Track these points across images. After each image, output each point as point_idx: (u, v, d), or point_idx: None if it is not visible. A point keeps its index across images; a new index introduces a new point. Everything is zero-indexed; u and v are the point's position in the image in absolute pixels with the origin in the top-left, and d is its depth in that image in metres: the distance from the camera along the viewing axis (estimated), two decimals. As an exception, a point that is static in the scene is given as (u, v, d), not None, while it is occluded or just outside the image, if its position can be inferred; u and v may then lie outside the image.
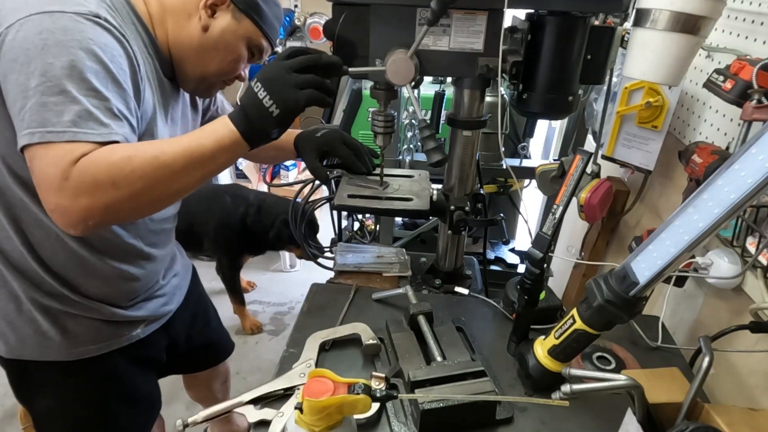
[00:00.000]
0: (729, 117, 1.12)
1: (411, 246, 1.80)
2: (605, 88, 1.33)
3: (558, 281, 1.93)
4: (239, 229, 2.29)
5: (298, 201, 1.46)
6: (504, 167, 1.61)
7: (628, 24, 1.23)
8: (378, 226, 1.94)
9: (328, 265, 1.38)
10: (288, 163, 3.32)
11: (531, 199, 2.36)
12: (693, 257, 1.03)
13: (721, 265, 1.01)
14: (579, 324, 0.79)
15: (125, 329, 1.03)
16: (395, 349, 0.96)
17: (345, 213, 1.98)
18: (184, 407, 2.02)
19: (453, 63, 0.95)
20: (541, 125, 2.58)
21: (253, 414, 0.86)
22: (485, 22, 0.91)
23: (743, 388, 1.00)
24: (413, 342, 0.98)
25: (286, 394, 0.89)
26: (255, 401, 0.87)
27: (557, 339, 0.83)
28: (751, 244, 0.98)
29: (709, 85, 1.02)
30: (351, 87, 2.31)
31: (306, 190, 1.50)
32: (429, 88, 1.94)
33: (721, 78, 0.98)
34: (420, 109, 1.01)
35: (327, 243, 1.69)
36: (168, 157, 0.72)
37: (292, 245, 2.40)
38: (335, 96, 0.87)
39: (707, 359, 0.73)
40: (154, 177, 0.71)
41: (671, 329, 1.14)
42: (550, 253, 1.24)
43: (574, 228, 1.94)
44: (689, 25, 0.88)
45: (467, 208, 1.13)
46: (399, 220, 2.18)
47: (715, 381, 1.06)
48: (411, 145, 1.84)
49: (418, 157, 1.84)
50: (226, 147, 0.77)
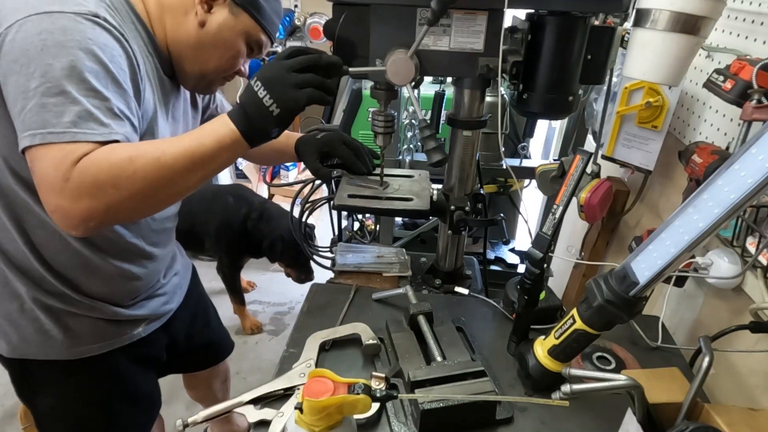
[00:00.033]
0: (729, 117, 1.12)
1: (411, 246, 1.80)
2: (605, 88, 1.33)
3: (558, 281, 1.93)
4: (240, 230, 2.29)
5: (298, 204, 1.47)
6: (504, 167, 1.61)
7: (628, 24, 1.23)
8: (378, 226, 1.93)
9: (327, 265, 1.38)
10: (288, 163, 3.32)
11: (531, 199, 2.36)
12: (693, 257, 1.03)
13: (721, 265, 1.01)
14: (579, 324, 0.79)
15: (127, 328, 1.03)
16: (395, 349, 0.96)
17: (345, 213, 1.98)
18: (184, 407, 2.02)
19: (453, 63, 0.95)
20: (541, 125, 2.58)
21: (253, 414, 0.86)
22: (485, 22, 0.91)
23: (743, 388, 1.00)
24: (413, 342, 0.98)
25: (286, 394, 0.89)
26: (255, 401, 0.87)
27: (557, 339, 0.83)
28: (751, 244, 0.98)
29: (709, 85, 1.02)
30: (351, 87, 2.31)
31: (306, 190, 1.50)
32: (429, 88, 1.94)
33: (721, 78, 0.98)
34: (420, 109, 1.00)
35: (327, 243, 1.69)
36: (169, 158, 0.72)
37: (282, 261, 2.41)
38: (335, 95, 0.87)
39: (707, 359, 0.73)
40: (155, 177, 0.71)
41: (671, 329, 1.14)
42: (550, 253, 1.24)
43: (574, 228, 1.94)
44: (689, 25, 0.88)
45: (467, 208, 1.13)
46: (399, 220, 2.18)
47: (715, 381, 1.06)
48: (411, 145, 1.84)
49: (418, 157, 1.84)
50: (226, 146, 0.77)
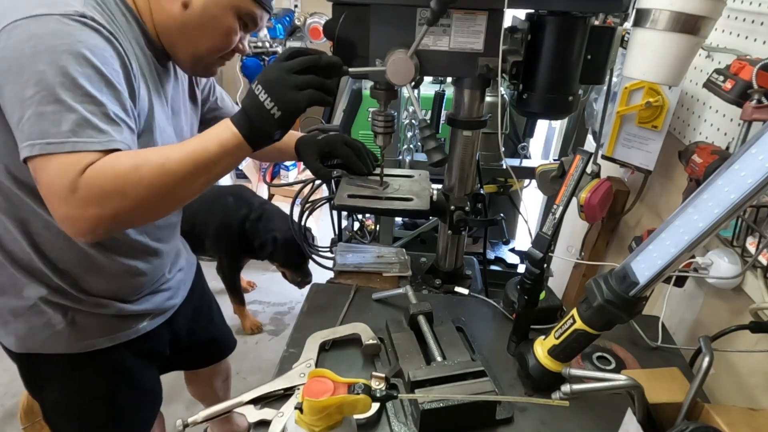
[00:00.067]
0: (729, 117, 1.12)
1: (411, 246, 1.80)
2: (605, 88, 1.33)
3: (558, 281, 1.93)
4: (239, 231, 2.30)
5: (298, 204, 1.47)
6: (504, 167, 1.61)
7: (628, 24, 1.23)
8: (378, 226, 1.93)
9: (327, 265, 1.38)
10: (288, 163, 3.32)
11: (531, 199, 2.36)
12: (693, 257, 1.03)
13: (721, 265, 1.01)
14: (579, 324, 0.79)
15: (132, 322, 1.04)
16: (395, 349, 0.96)
17: (345, 213, 1.98)
18: (184, 407, 2.02)
19: (453, 63, 0.95)
20: (541, 125, 2.58)
21: (253, 414, 0.86)
22: (485, 22, 0.91)
23: (743, 388, 1.00)
24: (413, 342, 0.98)
25: (286, 394, 0.89)
26: (255, 401, 0.87)
27: (557, 339, 0.83)
28: (751, 244, 0.98)
29: (709, 85, 1.02)
30: (351, 87, 2.31)
31: (306, 190, 1.50)
32: (429, 88, 1.94)
33: (721, 78, 0.98)
34: (420, 109, 1.00)
35: (327, 243, 1.69)
36: (173, 164, 0.72)
37: (276, 262, 2.41)
38: (336, 95, 0.87)
39: (707, 359, 0.73)
40: (161, 184, 0.72)
41: (671, 329, 1.14)
42: (550, 253, 1.24)
43: (574, 228, 1.94)
44: (689, 25, 0.88)
45: (467, 208, 1.13)
46: (399, 220, 2.18)
47: (715, 381, 1.06)
48: (411, 145, 1.83)
49: (418, 157, 1.84)
50: (229, 150, 0.77)
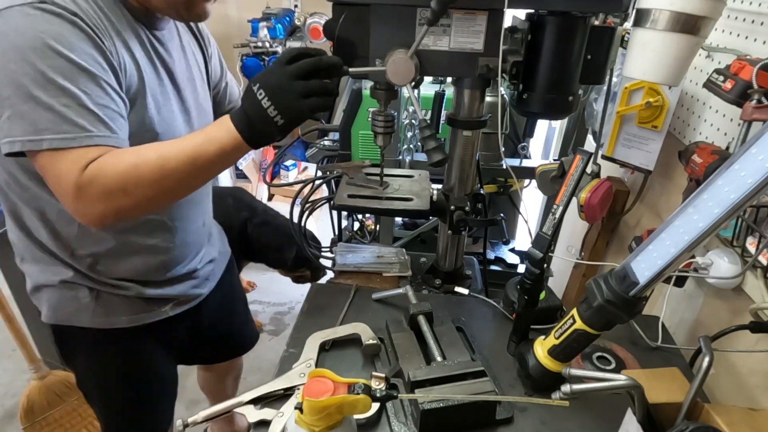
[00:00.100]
0: (729, 117, 1.12)
1: (411, 246, 1.79)
2: (605, 88, 1.33)
3: (558, 281, 1.93)
4: (239, 234, 2.29)
5: (298, 204, 1.47)
6: (504, 167, 1.61)
7: (628, 24, 1.22)
8: (378, 226, 1.93)
9: (327, 265, 1.38)
10: (288, 163, 3.32)
11: (531, 199, 2.36)
12: (693, 257, 1.03)
13: (721, 265, 1.01)
14: (579, 324, 0.79)
15: (154, 306, 1.06)
16: (395, 349, 0.96)
17: (345, 213, 1.98)
18: (184, 407, 2.03)
19: (453, 63, 0.95)
20: (541, 125, 2.58)
21: (253, 414, 0.86)
22: (485, 22, 0.91)
23: (743, 388, 1.00)
24: (413, 342, 0.98)
25: (286, 394, 0.89)
26: (255, 401, 0.87)
27: (557, 339, 0.83)
28: (751, 244, 0.98)
29: (709, 85, 1.02)
30: (351, 87, 2.31)
31: (306, 190, 1.50)
32: (429, 88, 1.93)
33: (721, 78, 0.98)
34: (420, 109, 1.00)
35: (327, 243, 1.69)
36: (173, 165, 0.75)
37: (298, 270, 2.40)
38: (337, 96, 0.87)
39: (707, 359, 0.73)
40: (160, 183, 0.76)
41: (671, 329, 1.14)
42: (550, 253, 1.24)
43: (574, 228, 1.94)
44: (689, 25, 0.88)
45: (467, 208, 1.13)
46: (399, 220, 2.18)
47: (715, 381, 1.06)
48: (411, 145, 1.83)
49: (418, 157, 1.84)
50: (228, 152, 0.78)
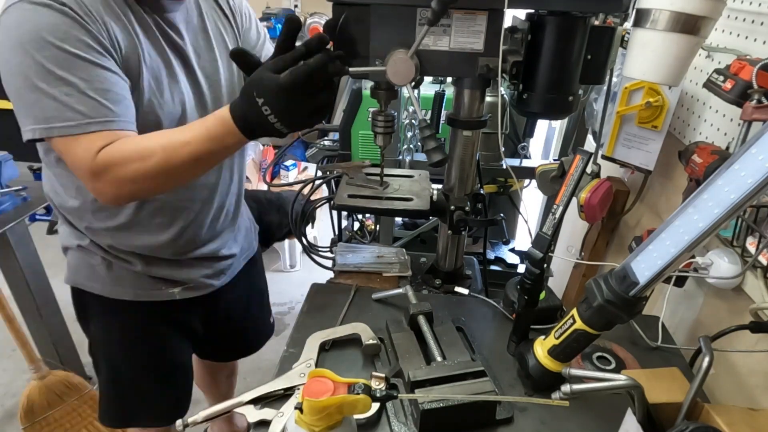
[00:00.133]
0: (729, 117, 1.12)
1: (411, 246, 1.79)
2: (605, 88, 1.33)
3: (558, 281, 1.93)
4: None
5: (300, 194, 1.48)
6: (504, 167, 1.61)
7: (628, 24, 1.23)
8: (378, 226, 1.93)
9: (327, 265, 1.38)
10: (288, 163, 3.32)
11: (531, 199, 2.36)
12: (693, 257, 1.03)
13: (721, 265, 1.01)
14: (579, 324, 0.78)
15: (161, 285, 1.08)
16: (395, 349, 0.96)
17: (345, 213, 1.98)
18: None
19: (453, 63, 0.94)
20: (541, 125, 2.58)
21: (253, 414, 0.86)
22: (485, 22, 0.91)
23: (743, 388, 1.00)
24: (413, 342, 0.98)
25: (286, 394, 0.88)
26: (255, 401, 0.87)
27: (557, 339, 0.83)
28: (751, 244, 0.98)
29: (709, 85, 1.02)
30: (351, 87, 2.31)
31: (306, 190, 1.50)
32: (429, 88, 1.93)
33: (721, 78, 0.98)
34: (420, 109, 1.00)
35: (327, 243, 1.69)
36: (177, 162, 0.81)
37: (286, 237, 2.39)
38: (336, 95, 0.89)
39: (707, 359, 0.73)
40: (166, 176, 0.82)
41: (671, 329, 1.14)
42: (550, 253, 1.24)
43: (574, 228, 1.94)
44: (689, 25, 0.88)
45: (467, 208, 1.13)
46: (399, 220, 2.18)
47: (715, 381, 1.06)
48: (411, 145, 1.83)
49: (418, 157, 1.84)
50: (232, 147, 0.83)
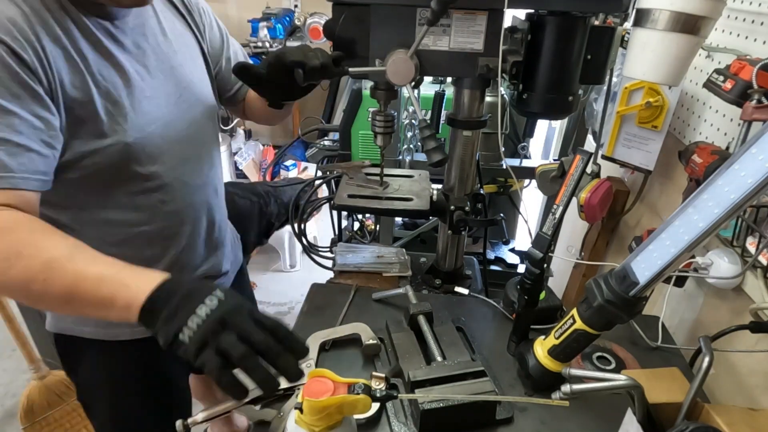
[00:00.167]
0: (729, 117, 1.12)
1: (411, 246, 1.80)
2: (605, 88, 1.33)
3: (558, 281, 1.93)
4: (257, 222, 2.30)
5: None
6: (504, 167, 1.61)
7: (628, 24, 1.23)
8: (378, 226, 1.93)
9: (327, 265, 1.38)
10: (288, 163, 3.32)
11: (531, 199, 2.36)
12: (693, 257, 1.03)
13: (721, 265, 1.01)
14: (579, 324, 0.78)
15: None
16: (395, 349, 0.96)
17: (345, 213, 1.98)
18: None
19: (453, 63, 0.95)
20: (541, 125, 2.58)
21: (253, 414, 0.86)
22: (485, 22, 0.91)
23: (743, 388, 1.00)
24: (413, 342, 0.98)
25: (286, 394, 0.88)
26: (255, 401, 0.87)
27: (557, 339, 0.83)
28: (751, 244, 0.98)
29: (709, 85, 1.02)
30: (351, 87, 2.31)
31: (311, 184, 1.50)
32: (429, 88, 1.93)
33: (721, 78, 0.98)
34: (420, 109, 1.01)
35: (327, 243, 1.69)
36: (48, 287, 0.64)
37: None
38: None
39: (707, 359, 0.73)
40: (25, 293, 0.66)
41: (671, 329, 1.14)
42: (550, 253, 1.24)
43: (574, 228, 1.93)
44: (689, 25, 0.88)
45: (467, 208, 1.13)
46: (399, 220, 2.18)
47: (715, 381, 1.06)
48: (411, 145, 1.83)
49: (418, 157, 1.84)
50: (110, 316, 0.66)
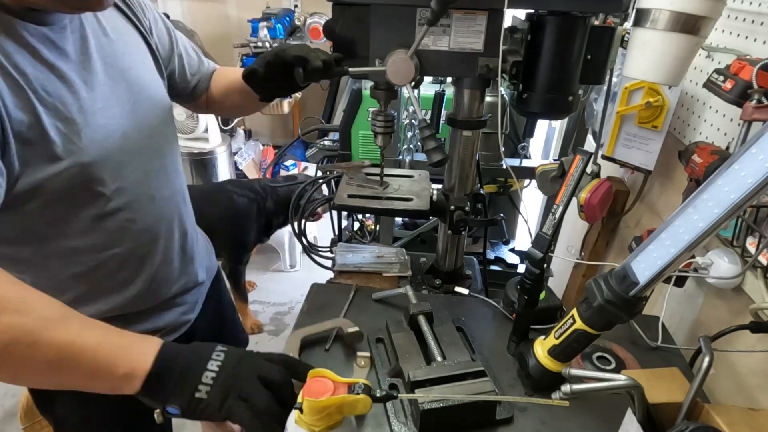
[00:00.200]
0: (729, 117, 1.12)
1: (411, 246, 1.80)
2: (605, 88, 1.33)
3: (558, 281, 1.93)
4: (255, 220, 2.30)
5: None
6: (504, 167, 1.61)
7: (628, 24, 1.23)
8: (378, 226, 1.93)
9: (327, 265, 1.38)
10: (288, 163, 3.32)
11: (531, 199, 2.36)
12: (693, 257, 1.03)
13: (721, 265, 1.01)
14: (579, 324, 0.78)
15: None
16: (395, 349, 0.96)
17: (345, 213, 1.98)
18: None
19: (453, 63, 0.95)
20: (541, 125, 2.58)
21: None
22: (485, 22, 0.91)
23: (743, 388, 1.00)
24: (413, 342, 0.98)
25: None
26: None
27: (557, 339, 0.83)
28: (751, 244, 0.98)
29: (709, 85, 1.02)
30: (351, 87, 2.31)
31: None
32: (429, 88, 1.94)
33: (721, 78, 0.98)
34: (420, 109, 1.01)
35: (327, 243, 1.69)
36: (34, 353, 0.60)
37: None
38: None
39: (707, 359, 0.73)
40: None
41: (671, 329, 1.14)
42: (550, 253, 1.24)
43: (574, 228, 1.94)
44: (689, 25, 0.88)
45: (467, 208, 1.13)
46: (399, 220, 2.18)
47: (715, 381, 1.06)
48: (411, 145, 1.83)
49: (418, 157, 1.84)
50: (98, 388, 0.65)
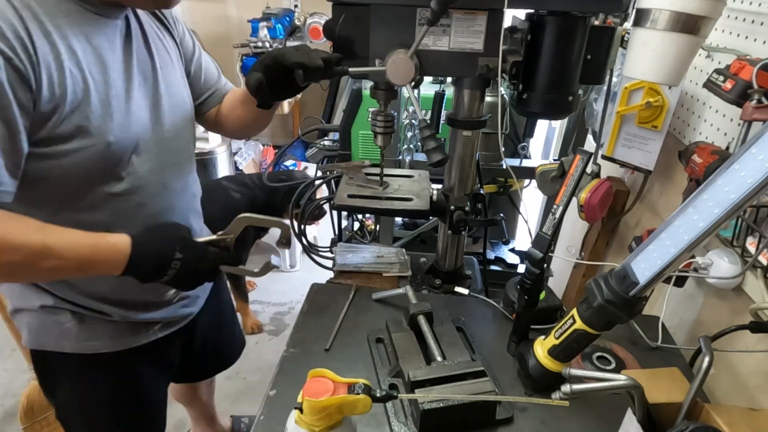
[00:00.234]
0: (729, 117, 1.12)
1: (411, 246, 1.79)
2: (605, 88, 1.33)
3: (558, 281, 1.93)
4: (260, 211, 2.30)
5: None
6: (504, 167, 1.61)
7: (628, 24, 1.23)
8: (378, 226, 1.93)
9: (327, 265, 1.38)
10: (288, 163, 3.32)
11: (531, 199, 2.36)
12: (693, 257, 1.03)
13: (721, 265, 1.01)
14: (579, 324, 0.79)
15: (141, 329, 1.03)
16: (395, 349, 0.96)
17: (345, 213, 1.98)
18: (181, 407, 2.02)
19: (453, 63, 0.95)
20: (541, 125, 2.58)
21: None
22: (485, 22, 0.91)
23: (743, 388, 1.00)
24: (413, 342, 0.98)
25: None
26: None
27: (557, 339, 0.83)
28: (751, 244, 0.98)
29: (709, 85, 1.02)
30: (351, 87, 2.31)
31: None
32: (429, 88, 1.93)
33: (721, 78, 0.98)
34: (420, 109, 1.01)
35: (327, 243, 1.69)
36: (34, 269, 0.75)
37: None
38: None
39: (707, 359, 0.73)
40: (11, 275, 0.79)
41: (671, 329, 1.14)
42: (550, 253, 1.24)
43: (574, 228, 1.94)
44: (689, 25, 0.88)
45: (467, 208, 1.13)
46: (399, 220, 2.18)
47: (715, 381, 1.06)
48: (411, 145, 1.83)
49: (418, 157, 1.84)
50: (97, 272, 0.80)
